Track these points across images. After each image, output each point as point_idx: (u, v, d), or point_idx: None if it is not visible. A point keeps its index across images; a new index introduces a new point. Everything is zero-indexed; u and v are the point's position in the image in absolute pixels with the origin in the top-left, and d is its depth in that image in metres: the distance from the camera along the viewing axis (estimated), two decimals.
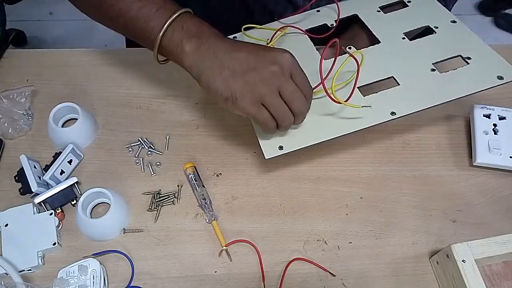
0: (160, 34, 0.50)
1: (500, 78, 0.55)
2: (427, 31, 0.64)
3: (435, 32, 0.63)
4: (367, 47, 0.62)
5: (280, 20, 0.67)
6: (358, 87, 0.56)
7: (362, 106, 0.53)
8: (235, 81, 0.48)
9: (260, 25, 0.66)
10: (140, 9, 0.52)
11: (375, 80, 0.58)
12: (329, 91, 0.52)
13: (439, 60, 0.59)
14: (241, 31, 0.66)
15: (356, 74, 0.54)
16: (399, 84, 0.57)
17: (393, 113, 0.54)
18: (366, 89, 0.57)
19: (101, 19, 0.57)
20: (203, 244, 0.56)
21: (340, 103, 0.53)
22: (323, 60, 0.51)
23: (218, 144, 0.65)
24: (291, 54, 0.50)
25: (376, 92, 0.56)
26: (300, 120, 0.53)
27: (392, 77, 0.58)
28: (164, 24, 0.50)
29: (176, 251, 0.56)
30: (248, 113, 0.50)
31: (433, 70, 0.58)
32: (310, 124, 0.55)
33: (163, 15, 0.51)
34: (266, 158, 0.53)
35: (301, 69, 0.51)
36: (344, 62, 0.53)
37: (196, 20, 0.52)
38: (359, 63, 0.53)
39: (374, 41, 0.63)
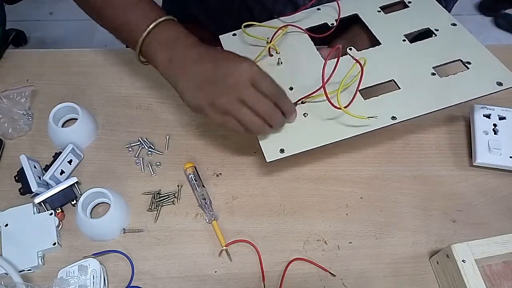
0: (139, 42, 0.54)
1: (500, 84, 0.55)
2: (427, 33, 0.64)
3: (435, 35, 0.63)
4: (367, 48, 0.62)
5: (280, 18, 0.67)
6: (358, 90, 0.56)
7: (368, 118, 0.53)
8: (200, 93, 0.51)
9: (260, 22, 0.66)
10: (126, 13, 0.55)
11: (375, 83, 0.58)
12: (332, 97, 0.52)
13: (439, 64, 0.59)
14: (241, 28, 0.66)
15: (359, 78, 0.53)
16: (399, 88, 0.57)
17: (393, 118, 0.54)
18: (367, 93, 0.57)
19: (95, 19, 0.59)
20: (203, 244, 0.56)
21: (342, 109, 0.53)
22: (326, 61, 0.51)
23: (218, 144, 0.65)
24: (251, 62, 0.51)
25: (377, 96, 0.56)
26: (277, 125, 0.54)
27: (393, 80, 0.58)
28: (143, 32, 0.53)
29: (176, 251, 0.56)
30: (217, 123, 0.52)
31: (433, 74, 0.58)
32: (311, 127, 0.55)
33: (144, 22, 0.53)
34: (267, 161, 0.53)
35: (264, 74, 0.51)
36: (351, 68, 0.53)
37: (175, 29, 0.54)
38: (363, 68, 0.53)
39: (374, 42, 0.63)
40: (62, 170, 0.59)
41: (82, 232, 0.56)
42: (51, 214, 0.56)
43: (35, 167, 0.59)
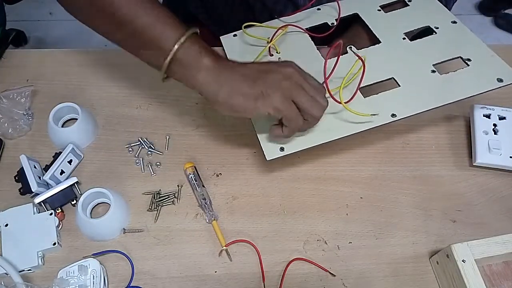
0: (177, 45, 0.48)
1: (500, 80, 0.55)
2: (427, 31, 0.64)
3: (436, 33, 0.63)
4: (367, 47, 0.62)
5: (281, 19, 0.67)
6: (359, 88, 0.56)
7: (372, 115, 0.53)
8: (260, 81, 0.49)
9: (260, 22, 0.66)
10: (150, 16, 0.48)
11: (375, 81, 0.58)
12: (334, 94, 0.52)
13: (439, 62, 0.59)
14: (241, 29, 0.66)
15: (361, 75, 0.53)
16: (399, 86, 0.57)
17: (393, 115, 0.54)
18: (367, 90, 0.57)
19: (99, 25, 0.53)
20: (203, 244, 0.56)
21: (343, 105, 0.53)
22: (327, 59, 0.51)
23: (218, 144, 0.65)
24: (295, 65, 0.51)
25: (377, 94, 0.56)
26: (314, 124, 0.53)
27: (393, 78, 0.58)
28: (182, 36, 0.48)
29: (176, 251, 0.56)
30: (277, 108, 0.49)
31: (433, 71, 0.58)
32: None
33: (177, 28, 0.48)
34: (267, 159, 0.53)
35: (309, 76, 0.51)
36: (353, 65, 0.53)
37: (198, 45, 0.50)
38: (365, 64, 0.53)
39: (374, 41, 0.63)
40: (62, 170, 0.59)
41: (82, 232, 0.56)
42: (51, 214, 0.56)
43: (35, 167, 0.59)
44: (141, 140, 0.64)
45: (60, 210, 0.57)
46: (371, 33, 0.64)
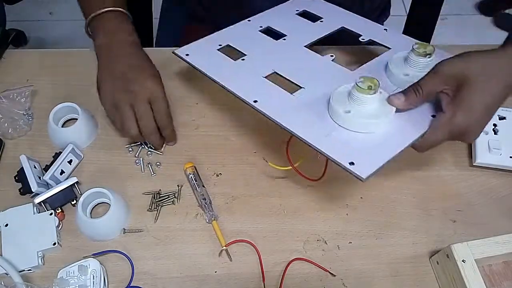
0: (88, 19, 0.64)
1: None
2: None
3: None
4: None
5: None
6: None
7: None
8: (109, 85, 0.60)
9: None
10: None
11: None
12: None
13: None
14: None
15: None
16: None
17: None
18: None
19: None
20: (203, 244, 0.56)
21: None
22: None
23: (218, 144, 0.65)
24: (158, 81, 0.61)
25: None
26: (151, 140, 0.62)
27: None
28: (98, 10, 0.63)
29: (176, 251, 0.56)
30: (106, 113, 0.62)
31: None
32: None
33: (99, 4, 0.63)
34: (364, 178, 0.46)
35: (163, 98, 0.60)
36: None
37: (117, 22, 0.64)
38: None
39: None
40: (62, 170, 0.59)
41: (82, 232, 0.56)
42: (51, 214, 0.56)
43: (35, 167, 0.59)
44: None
45: (60, 210, 0.57)
46: None
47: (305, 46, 0.63)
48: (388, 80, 0.57)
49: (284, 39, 0.65)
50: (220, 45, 0.64)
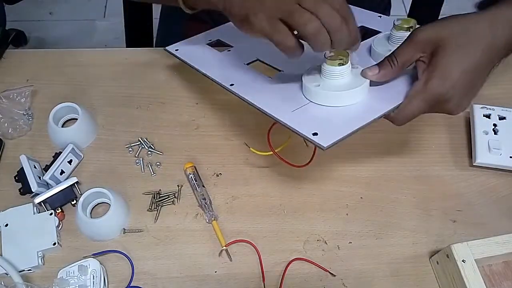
0: None
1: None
2: None
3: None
4: None
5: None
6: None
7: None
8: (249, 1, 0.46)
9: None
10: None
11: None
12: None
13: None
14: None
15: None
16: None
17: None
18: None
19: None
20: (203, 244, 0.56)
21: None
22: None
23: (218, 144, 0.65)
24: None
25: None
26: (341, 44, 0.45)
27: None
28: None
29: (176, 251, 0.56)
30: (262, 31, 0.45)
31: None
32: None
33: None
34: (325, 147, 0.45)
35: None
36: None
37: None
38: None
39: None
40: (62, 170, 0.59)
41: (82, 232, 0.56)
42: (51, 214, 0.56)
43: (35, 167, 0.59)
44: (141, 140, 0.64)
45: (60, 210, 0.57)
46: None
47: None
48: (373, 60, 0.56)
49: None
50: (210, 40, 0.65)
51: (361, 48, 0.54)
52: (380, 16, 0.66)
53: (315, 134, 0.45)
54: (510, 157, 0.62)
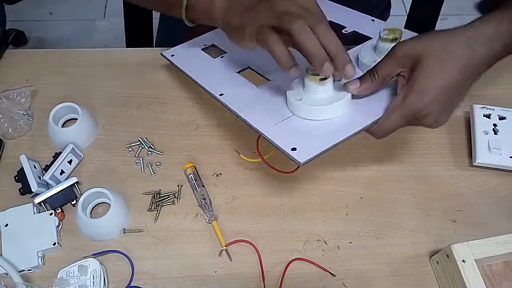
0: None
1: None
2: None
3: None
4: None
5: None
6: None
7: None
8: (245, 13, 0.50)
9: None
10: None
11: None
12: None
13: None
14: None
15: None
16: None
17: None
18: None
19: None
20: (203, 244, 0.56)
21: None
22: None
23: (218, 144, 0.65)
24: None
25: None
26: (341, 64, 0.46)
27: None
28: None
29: (176, 251, 0.56)
30: (260, 43, 0.48)
31: None
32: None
33: None
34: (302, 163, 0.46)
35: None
36: None
37: None
38: None
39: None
40: (62, 170, 0.59)
41: (82, 232, 0.56)
42: (51, 214, 0.56)
43: (35, 167, 0.59)
44: (141, 140, 0.64)
45: (60, 210, 0.57)
46: None
47: None
48: (360, 70, 0.55)
49: None
50: (205, 45, 0.65)
51: (352, 57, 0.54)
52: (373, 20, 0.65)
53: (293, 149, 0.46)
54: (510, 157, 0.62)
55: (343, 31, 0.63)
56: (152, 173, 0.62)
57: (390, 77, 0.48)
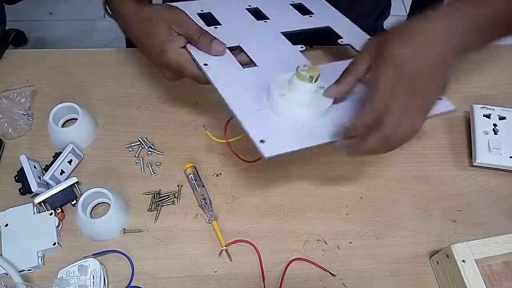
0: None
1: None
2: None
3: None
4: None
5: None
6: None
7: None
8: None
9: None
10: None
11: None
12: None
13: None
14: None
15: None
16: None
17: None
18: None
19: None
20: (203, 244, 0.56)
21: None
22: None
23: (218, 144, 0.65)
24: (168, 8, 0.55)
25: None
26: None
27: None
28: None
29: (176, 251, 0.56)
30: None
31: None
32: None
33: None
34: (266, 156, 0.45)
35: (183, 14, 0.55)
36: None
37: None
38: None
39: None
40: (62, 170, 0.59)
41: (82, 232, 0.56)
42: (51, 214, 0.56)
43: (35, 167, 0.59)
44: (141, 140, 0.64)
45: (60, 210, 0.57)
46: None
47: (281, 32, 0.62)
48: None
49: (265, 21, 0.65)
50: (202, 10, 0.64)
51: (339, 69, 0.51)
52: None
53: (262, 141, 0.46)
54: (510, 157, 0.62)
55: (339, 40, 0.63)
56: (152, 173, 0.62)
57: (363, 72, 0.47)
